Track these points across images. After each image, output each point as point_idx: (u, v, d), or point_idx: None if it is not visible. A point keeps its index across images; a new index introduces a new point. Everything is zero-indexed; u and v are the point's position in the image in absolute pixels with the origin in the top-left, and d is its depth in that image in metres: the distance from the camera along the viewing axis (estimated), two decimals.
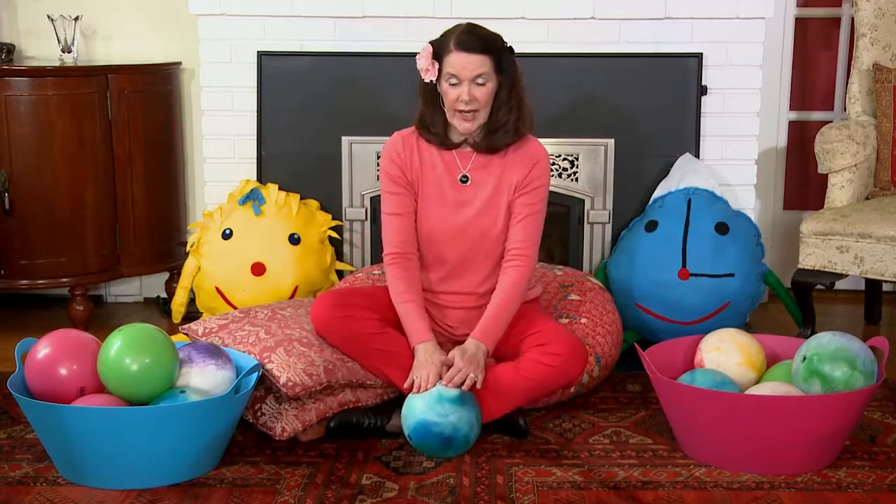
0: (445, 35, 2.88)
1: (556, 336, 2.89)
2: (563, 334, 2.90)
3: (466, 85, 2.81)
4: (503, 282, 2.92)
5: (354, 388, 2.96)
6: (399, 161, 2.95)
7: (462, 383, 2.74)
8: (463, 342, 3.04)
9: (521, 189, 2.93)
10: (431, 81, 2.88)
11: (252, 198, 3.77)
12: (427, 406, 2.71)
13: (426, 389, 2.73)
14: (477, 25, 2.90)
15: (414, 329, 2.87)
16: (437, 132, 2.93)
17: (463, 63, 2.80)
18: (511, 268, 2.93)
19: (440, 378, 2.75)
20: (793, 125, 4.38)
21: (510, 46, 2.90)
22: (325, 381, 2.85)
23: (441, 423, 2.68)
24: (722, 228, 3.61)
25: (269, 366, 2.82)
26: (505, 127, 2.90)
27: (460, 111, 2.84)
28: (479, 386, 2.76)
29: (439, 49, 2.85)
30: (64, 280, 3.87)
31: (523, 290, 2.94)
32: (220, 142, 3.99)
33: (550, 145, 3.87)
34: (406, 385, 2.79)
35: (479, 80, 2.82)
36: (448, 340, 3.05)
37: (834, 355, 2.70)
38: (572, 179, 3.91)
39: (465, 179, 2.95)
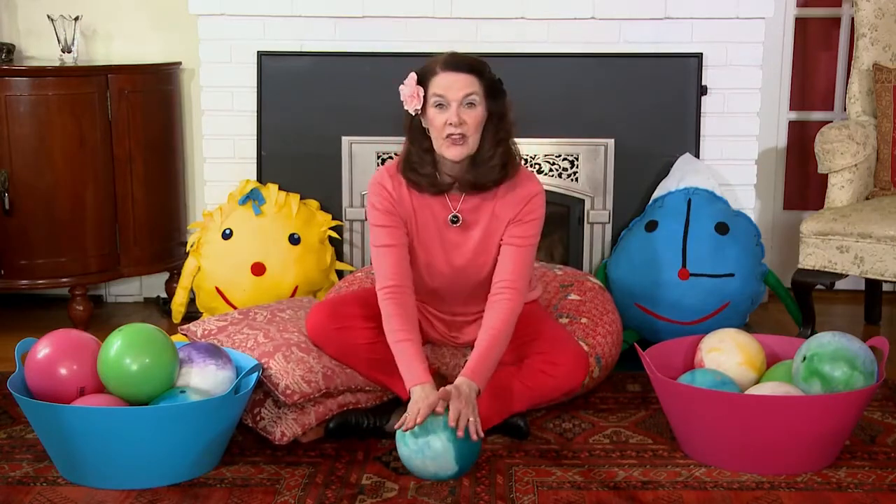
0: (430, 62, 2.72)
1: (558, 344, 2.87)
2: (565, 342, 2.89)
3: (455, 106, 2.65)
4: (491, 317, 2.74)
5: (354, 392, 2.95)
6: (389, 197, 2.78)
7: (466, 424, 2.57)
8: (463, 345, 3.05)
9: (513, 222, 2.78)
10: (417, 115, 2.73)
11: (252, 198, 3.77)
12: (421, 474, 2.62)
13: (412, 425, 2.53)
14: (463, 53, 2.76)
15: (410, 371, 2.67)
16: (426, 173, 2.76)
17: (450, 82, 2.65)
18: (499, 301, 2.75)
19: (432, 409, 2.57)
20: (793, 125, 4.38)
21: (499, 78, 2.75)
22: (324, 388, 2.84)
23: (422, 470, 2.61)
24: (722, 228, 3.61)
25: (267, 372, 2.81)
26: (490, 161, 2.72)
27: (449, 136, 2.67)
28: (481, 434, 2.57)
29: (424, 74, 2.70)
30: (64, 280, 3.87)
31: (512, 325, 2.76)
32: (220, 142, 3.99)
33: (550, 145, 3.88)
34: (396, 426, 2.62)
35: (468, 102, 2.66)
36: (451, 348, 3.05)
37: (834, 355, 2.69)
38: (572, 179, 3.91)
39: (455, 220, 2.80)
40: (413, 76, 2.72)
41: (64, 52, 4.00)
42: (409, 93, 2.71)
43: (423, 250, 2.84)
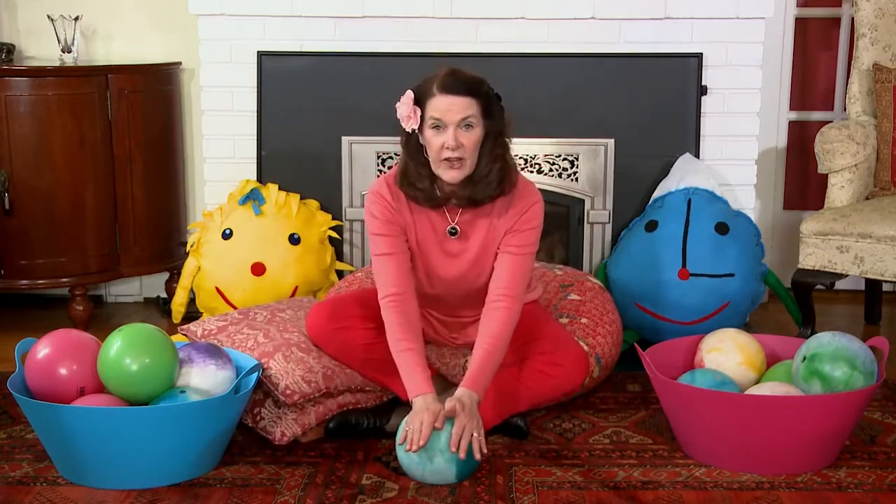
0: (427, 80, 2.67)
1: (558, 344, 2.87)
2: (566, 343, 2.89)
3: (452, 130, 2.61)
4: (489, 325, 2.72)
5: (354, 392, 2.95)
6: (388, 205, 2.77)
7: (469, 443, 2.57)
8: (463, 346, 3.05)
9: (510, 231, 2.77)
10: (414, 132, 2.70)
11: (252, 198, 3.77)
12: (411, 464, 2.60)
13: (418, 447, 2.53)
14: (460, 69, 2.70)
15: (412, 381, 2.66)
16: (423, 188, 2.73)
17: (447, 106, 2.61)
18: (496, 310, 2.73)
19: (434, 424, 2.56)
20: (793, 125, 4.38)
21: (497, 94, 2.72)
22: (324, 388, 2.84)
23: (422, 480, 2.61)
24: (722, 228, 3.61)
25: (267, 372, 2.81)
26: (487, 178, 2.70)
27: (446, 159, 2.65)
28: (484, 450, 2.56)
29: (421, 95, 2.66)
30: (64, 280, 3.87)
31: (510, 332, 2.74)
32: (220, 142, 3.99)
33: (550, 145, 3.88)
34: (399, 440, 2.61)
35: (466, 124, 2.63)
36: (450, 348, 3.05)
37: (834, 355, 2.70)
38: (572, 179, 3.91)
39: (454, 232, 2.79)
40: (410, 95, 2.68)
41: (64, 52, 4.00)
42: (405, 113, 2.68)
43: (422, 260, 2.84)
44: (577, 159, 3.90)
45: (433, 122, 2.65)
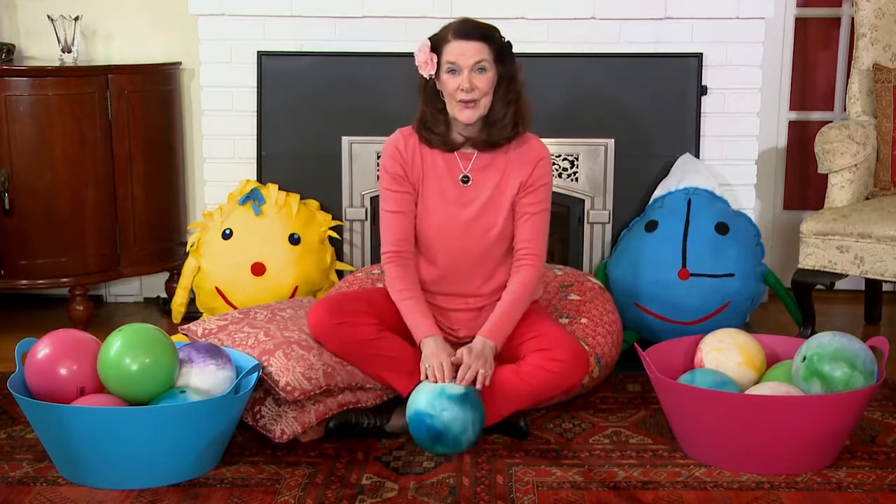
0: (442, 29, 2.87)
1: (558, 341, 2.88)
2: (565, 339, 2.89)
3: (466, 72, 2.79)
4: (513, 280, 2.93)
5: (354, 390, 2.95)
6: (401, 159, 2.93)
7: (473, 381, 2.73)
8: (465, 338, 3.05)
9: (524, 189, 2.91)
10: (431, 77, 2.86)
11: (252, 198, 3.77)
12: (427, 399, 2.70)
13: (443, 380, 2.71)
14: (473, 19, 2.91)
15: (419, 326, 2.86)
16: (439, 132, 2.90)
17: (461, 50, 2.79)
18: (521, 267, 2.93)
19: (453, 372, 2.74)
20: (793, 125, 4.38)
21: (508, 41, 2.89)
22: (325, 385, 2.85)
23: (434, 416, 2.67)
24: (722, 228, 3.62)
25: (268, 369, 2.82)
26: (502, 121, 2.87)
27: (461, 101, 2.81)
28: (486, 383, 2.74)
29: (437, 41, 2.84)
30: (64, 280, 3.87)
31: (533, 289, 2.94)
32: (220, 142, 3.99)
33: (550, 145, 3.86)
34: (421, 377, 2.77)
35: (479, 68, 2.80)
36: (451, 343, 3.05)
37: (834, 355, 2.70)
38: (572, 179, 3.91)
39: (466, 179, 2.93)
40: (427, 43, 2.85)
41: (64, 52, 4.00)
42: (423, 59, 2.85)
43: (432, 209, 2.93)
44: (577, 159, 3.90)
45: (449, 66, 2.82)
